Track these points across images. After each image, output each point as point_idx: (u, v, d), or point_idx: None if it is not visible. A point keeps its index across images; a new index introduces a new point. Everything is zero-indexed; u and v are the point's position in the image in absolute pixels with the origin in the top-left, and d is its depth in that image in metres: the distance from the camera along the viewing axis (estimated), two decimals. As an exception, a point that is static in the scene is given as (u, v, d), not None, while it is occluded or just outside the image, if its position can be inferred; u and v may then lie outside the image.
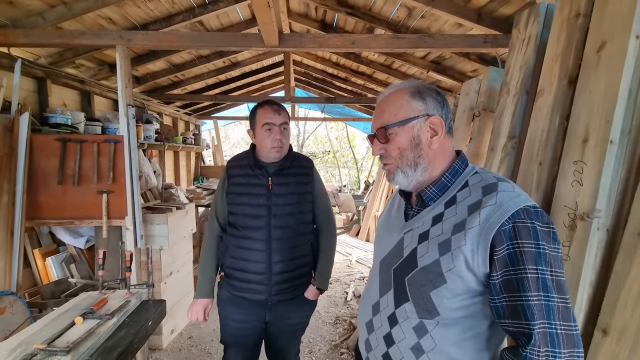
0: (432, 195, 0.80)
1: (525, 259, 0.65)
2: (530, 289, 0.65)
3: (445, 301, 0.73)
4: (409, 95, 0.79)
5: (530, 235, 0.66)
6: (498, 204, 0.69)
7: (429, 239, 0.76)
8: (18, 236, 2.03)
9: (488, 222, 0.68)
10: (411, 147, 0.78)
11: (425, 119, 0.78)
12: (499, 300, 0.69)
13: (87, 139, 2.25)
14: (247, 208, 1.42)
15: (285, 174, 1.44)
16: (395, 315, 0.78)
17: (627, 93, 0.99)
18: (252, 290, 1.42)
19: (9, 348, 1.13)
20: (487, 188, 0.73)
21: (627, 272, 0.91)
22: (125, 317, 1.40)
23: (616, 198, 1.01)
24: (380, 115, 0.81)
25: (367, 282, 0.94)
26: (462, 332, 0.74)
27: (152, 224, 2.57)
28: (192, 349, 2.65)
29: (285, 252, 1.41)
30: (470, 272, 0.70)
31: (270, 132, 1.37)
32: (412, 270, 0.76)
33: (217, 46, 2.38)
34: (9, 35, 2.15)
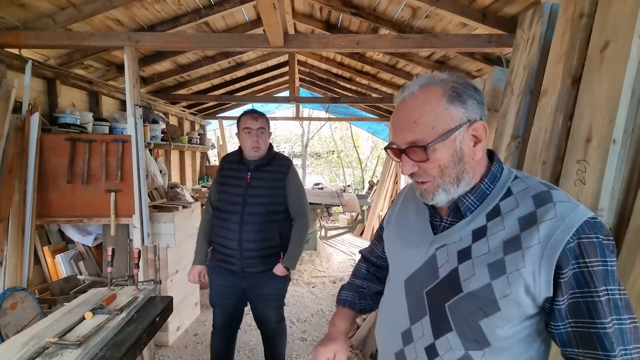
0: (470, 205, 0.69)
1: (595, 280, 0.58)
2: (605, 315, 0.58)
3: (497, 330, 0.64)
4: (447, 99, 0.64)
5: (597, 252, 0.59)
6: (559, 218, 0.60)
7: (472, 257, 0.66)
8: (29, 234, 2.07)
9: (551, 240, 0.60)
10: (453, 163, 0.66)
11: (467, 127, 0.65)
12: (564, 327, 0.61)
13: (96, 139, 2.29)
14: (227, 196, 1.78)
15: (262, 171, 1.77)
16: (435, 347, 0.68)
17: (630, 93, 0.99)
18: (228, 262, 1.76)
19: (22, 341, 1.17)
20: (538, 198, 0.64)
21: (630, 270, 0.91)
22: (133, 313, 1.43)
23: (619, 197, 1.02)
24: (411, 127, 0.66)
25: (387, 302, 0.83)
26: (513, 358, 0.66)
27: (158, 222, 2.60)
28: (198, 346, 2.68)
29: (254, 233, 1.72)
30: (529, 296, 0.62)
31: (249, 135, 1.71)
32: (455, 295, 0.66)
33: (223, 47, 2.41)
34: (20, 37, 2.19)
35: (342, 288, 0.99)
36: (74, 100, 3.09)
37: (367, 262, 1.01)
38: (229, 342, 1.97)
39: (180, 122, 5.51)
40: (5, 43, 2.21)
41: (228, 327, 1.92)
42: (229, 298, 1.84)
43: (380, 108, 6.27)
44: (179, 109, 5.29)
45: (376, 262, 0.99)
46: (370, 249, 1.01)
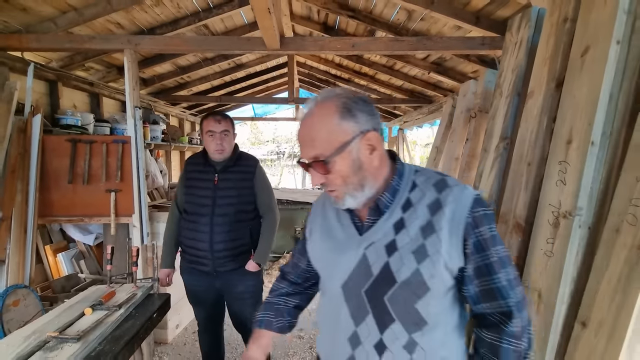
0: (386, 201, 0.76)
1: (488, 245, 0.71)
2: (497, 271, 0.71)
3: (430, 308, 0.73)
4: (339, 115, 0.71)
5: (485, 222, 0.72)
6: (457, 199, 0.72)
7: (398, 249, 0.73)
8: (31, 233, 2.12)
9: (455, 219, 0.71)
10: (354, 171, 0.73)
11: (361, 138, 0.72)
12: (474, 288, 0.73)
13: (96, 140, 2.34)
14: (195, 198, 1.77)
15: (229, 172, 1.76)
16: (383, 340, 0.74)
17: (608, 96, 1.03)
18: (199, 262, 1.75)
19: (24, 335, 1.21)
20: (438, 185, 0.75)
21: (606, 267, 0.95)
22: (132, 309, 1.48)
23: (598, 197, 1.05)
24: (311, 144, 0.73)
25: (325, 313, 0.85)
26: (444, 329, 0.75)
27: (157, 222, 2.64)
28: (196, 343, 2.71)
29: (224, 234, 1.71)
30: (447, 270, 0.72)
31: (213, 138, 1.70)
32: (392, 287, 0.72)
33: (221, 50, 2.45)
34: (23, 40, 2.24)
35: (260, 309, 0.97)
36: (76, 101, 3.14)
37: (285, 280, 1.00)
38: (215, 338, 1.99)
39: (181, 123, 5.57)
40: (8, 46, 2.26)
41: (212, 323, 1.94)
42: (204, 297, 1.84)
43: (379, 109, 6.30)
44: (179, 110, 5.34)
45: (297, 278, 0.98)
46: (293, 264, 0.99)
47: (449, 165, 2.24)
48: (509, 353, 0.71)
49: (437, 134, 2.65)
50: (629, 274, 0.89)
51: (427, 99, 4.67)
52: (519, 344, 0.72)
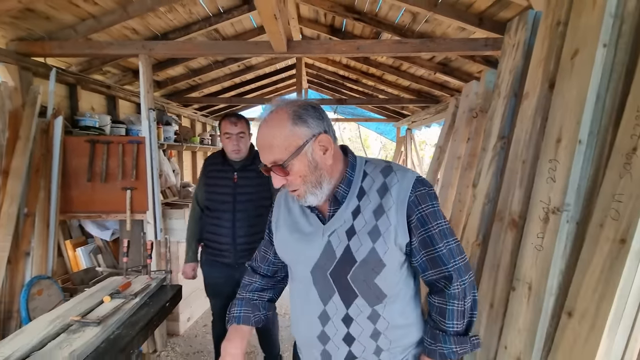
0: (343, 192, 0.84)
1: (430, 219, 0.81)
2: (439, 241, 0.81)
3: (388, 282, 0.83)
4: (291, 123, 0.78)
5: (427, 199, 0.82)
6: (400, 181, 0.82)
7: (356, 232, 0.81)
8: (53, 228, 2.26)
9: (399, 198, 0.81)
10: (311, 171, 0.80)
11: (313, 140, 0.79)
12: (421, 258, 0.83)
13: (113, 140, 2.47)
14: (217, 195, 1.89)
15: (247, 170, 1.88)
16: (349, 314, 0.83)
17: (595, 97, 1.07)
18: (222, 255, 1.87)
19: (49, 319, 1.32)
20: (384, 171, 0.85)
21: (590, 260, 1.00)
22: (146, 298, 1.58)
23: (585, 194, 1.09)
24: (270, 150, 0.79)
25: (296, 297, 0.93)
26: (402, 301, 0.86)
27: (170, 218, 2.77)
28: (207, 336, 2.83)
29: (245, 228, 1.84)
30: (397, 246, 0.82)
31: (230, 140, 1.81)
32: (352, 266, 0.81)
33: (231, 53, 2.55)
34: (46, 46, 2.39)
35: (232, 305, 1.00)
36: (93, 104, 3.29)
37: (256, 274, 1.05)
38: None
39: (193, 124, 5.72)
40: (32, 52, 2.40)
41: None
42: (223, 289, 1.95)
43: (387, 109, 6.34)
44: (191, 111, 5.49)
45: (267, 271, 1.03)
46: (261, 257, 1.04)
47: (451, 164, 2.29)
48: (453, 312, 0.83)
49: (440, 134, 2.69)
50: (611, 265, 0.94)
51: (434, 99, 4.69)
52: (461, 304, 0.83)
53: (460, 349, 0.84)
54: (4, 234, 2.00)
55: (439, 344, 0.85)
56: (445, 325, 0.84)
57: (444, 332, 0.85)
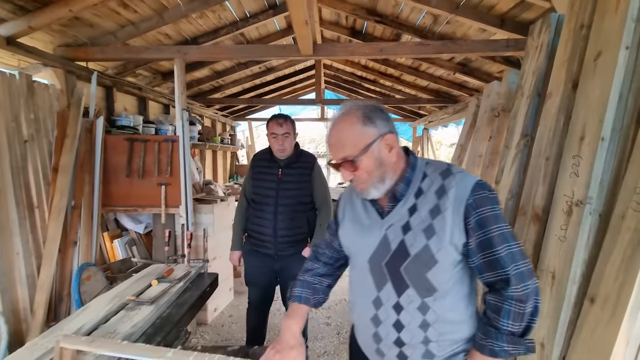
0: (402, 190, 0.90)
1: (489, 222, 0.83)
2: (498, 244, 0.82)
3: (439, 278, 0.86)
4: (361, 123, 0.86)
5: (486, 203, 0.83)
6: (459, 184, 0.85)
7: (412, 228, 0.87)
8: (96, 219, 2.44)
9: (457, 201, 0.84)
10: (376, 167, 0.87)
11: (380, 140, 0.87)
12: (477, 260, 0.85)
13: (150, 139, 2.63)
14: (262, 190, 2.00)
15: (291, 167, 1.99)
16: (400, 303, 0.88)
17: (617, 97, 1.14)
18: (263, 246, 1.99)
19: (108, 298, 1.47)
20: (444, 173, 0.88)
21: (612, 249, 1.06)
22: (188, 283, 1.72)
23: (608, 187, 1.16)
24: (341, 148, 0.87)
25: (355, 285, 1.01)
26: (454, 297, 0.88)
27: (199, 213, 2.92)
28: (233, 326, 2.97)
29: (286, 221, 1.95)
30: (452, 245, 0.84)
31: (276, 140, 1.93)
32: (406, 259, 0.86)
33: (259, 56, 2.68)
34: (89, 52, 2.57)
35: (294, 285, 1.09)
36: (127, 105, 3.49)
37: (319, 261, 1.12)
38: (262, 318, 2.21)
39: (214, 124, 5.91)
40: (77, 57, 2.59)
41: (262, 303, 2.16)
42: (262, 278, 2.07)
43: (404, 109, 6.38)
44: (212, 112, 5.68)
45: (329, 258, 1.11)
46: (326, 244, 1.12)
47: (472, 162, 2.35)
48: (509, 312, 0.83)
49: (461, 133, 2.75)
50: (632, 254, 1.00)
51: (452, 99, 4.72)
52: (520, 306, 0.82)
53: (513, 349, 0.83)
54: (55, 225, 2.18)
55: (490, 340, 0.85)
56: (499, 323, 0.84)
57: (496, 330, 0.84)
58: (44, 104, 2.34)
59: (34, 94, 2.26)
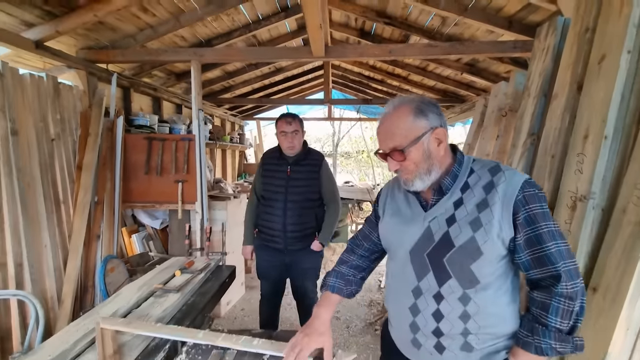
0: (448, 184, 0.92)
1: (537, 219, 0.82)
2: (547, 241, 0.82)
3: (483, 270, 0.85)
4: (413, 115, 0.88)
5: (536, 200, 0.83)
6: (508, 181, 0.85)
7: (457, 221, 0.87)
8: (117, 214, 2.55)
9: (506, 196, 0.84)
10: (424, 159, 0.89)
11: (431, 133, 0.89)
12: (525, 256, 0.84)
13: (168, 138, 2.74)
14: (272, 186, 2.07)
15: (300, 164, 2.06)
16: (441, 293, 0.88)
17: (619, 98, 1.20)
18: (273, 241, 2.07)
19: (137, 286, 1.57)
20: (492, 170, 0.89)
21: (613, 241, 1.13)
22: (209, 274, 1.81)
23: (611, 183, 1.23)
24: (391, 137, 0.90)
25: (394, 275, 1.02)
26: (496, 291, 0.87)
27: (214, 209, 3.02)
28: (245, 318, 3.07)
29: (295, 217, 2.02)
30: (499, 239, 0.84)
31: (285, 138, 2.00)
32: (450, 250, 0.86)
33: (272, 58, 2.77)
34: (110, 54, 2.68)
35: (328, 275, 1.11)
36: (142, 105, 3.60)
37: (354, 253, 1.15)
38: (274, 310, 2.31)
39: (223, 123, 6.02)
40: (99, 60, 2.70)
41: (273, 295, 2.25)
42: (273, 272, 2.15)
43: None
44: (222, 111, 5.79)
45: (366, 250, 1.13)
46: (363, 235, 1.14)
47: (480, 160, 2.41)
48: (558, 310, 0.81)
49: (469, 132, 2.81)
50: (632, 245, 1.07)
51: (459, 99, 4.77)
52: (569, 304, 0.81)
53: (560, 347, 0.81)
54: (80, 220, 2.29)
55: (537, 337, 0.83)
56: (547, 320, 0.82)
57: (544, 327, 0.83)
58: (68, 105, 2.45)
59: (59, 95, 2.37)
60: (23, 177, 2.03)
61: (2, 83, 1.96)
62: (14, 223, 1.93)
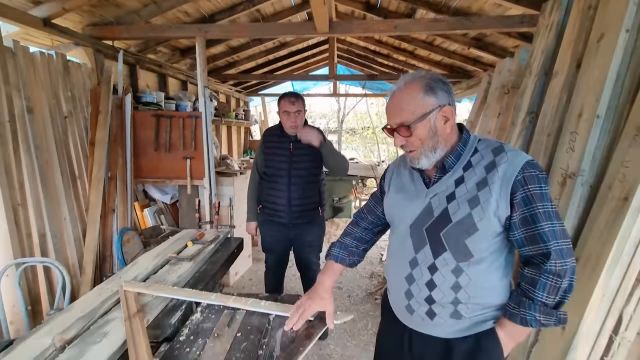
0: (451, 162, 0.93)
1: (535, 199, 0.84)
2: (542, 220, 0.84)
3: (477, 245, 0.88)
4: (423, 91, 0.89)
5: (535, 181, 0.85)
6: (510, 161, 0.86)
7: (456, 198, 0.90)
8: (130, 189, 2.67)
9: (506, 176, 0.85)
10: (430, 136, 0.91)
11: (438, 110, 0.89)
12: (519, 234, 0.87)
13: (175, 115, 2.80)
14: (275, 163, 2.12)
15: (302, 141, 2.03)
16: (435, 264, 0.93)
17: (614, 78, 1.22)
18: (278, 216, 2.14)
19: (152, 255, 1.70)
20: (496, 150, 0.90)
21: (598, 214, 1.20)
22: (218, 245, 1.93)
23: (600, 161, 1.28)
24: (399, 113, 0.91)
25: (394, 247, 1.06)
26: (489, 265, 0.91)
27: (221, 185, 3.12)
28: (252, 287, 3.26)
29: (299, 192, 2.08)
30: (496, 217, 0.86)
31: (288, 117, 2.03)
32: (447, 225, 0.90)
33: (276, 34, 2.75)
34: (116, 31, 2.70)
35: (333, 245, 1.18)
36: (148, 81, 3.64)
37: (358, 226, 1.20)
38: (279, 280, 2.44)
39: (228, 99, 6.02)
40: (104, 36, 2.72)
41: (278, 267, 2.37)
42: (277, 245, 2.24)
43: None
44: (227, 87, 5.78)
45: (370, 223, 1.19)
46: (368, 209, 1.19)
47: (481, 138, 2.45)
48: (545, 285, 0.85)
49: (472, 109, 2.82)
50: (614, 219, 1.14)
51: (466, 74, 4.70)
52: (557, 280, 0.84)
53: (545, 319, 0.86)
54: (96, 194, 2.41)
55: (523, 309, 0.88)
56: (534, 294, 0.87)
57: (530, 300, 0.87)
58: (78, 82, 2.51)
59: (69, 73, 2.43)
60: (41, 154, 2.13)
61: (15, 62, 2.02)
62: (35, 198, 2.05)
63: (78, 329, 1.08)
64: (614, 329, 1.16)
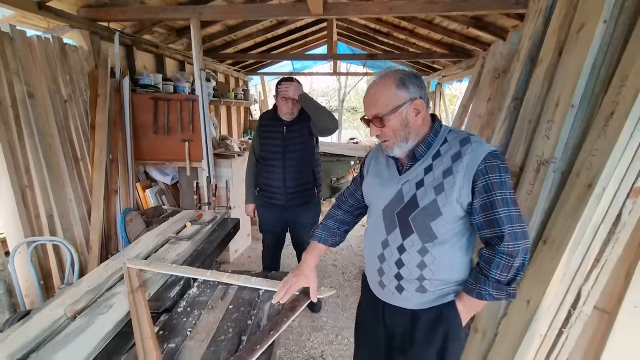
0: (422, 152, 1.02)
1: (494, 187, 0.93)
2: (499, 207, 0.93)
3: (440, 228, 0.98)
4: (395, 86, 0.96)
5: (496, 170, 0.93)
6: (474, 151, 0.94)
7: (424, 185, 0.98)
8: (131, 171, 2.76)
9: (469, 165, 0.93)
10: (402, 127, 0.99)
11: (410, 103, 0.97)
12: (479, 219, 0.97)
13: (173, 98, 2.85)
14: (270, 147, 2.19)
15: (294, 124, 2.16)
16: (403, 245, 1.03)
17: (590, 68, 1.26)
18: (274, 198, 2.22)
19: (154, 234, 1.81)
20: (462, 141, 0.98)
21: (566, 201, 1.28)
22: (215, 226, 2.05)
23: (572, 150, 1.34)
24: (374, 105, 0.99)
25: (370, 228, 1.15)
26: (452, 246, 1.01)
27: (219, 167, 3.21)
28: (252, 264, 3.42)
29: (294, 174, 2.16)
30: (458, 203, 0.95)
31: (286, 102, 2.08)
32: (415, 210, 0.99)
33: (271, 16, 2.75)
34: (111, 12, 2.70)
35: (316, 227, 1.28)
36: (146, 63, 3.65)
37: (340, 209, 1.30)
38: (276, 259, 2.56)
39: (227, 79, 5.99)
40: (100, 18, 2.73)
41: (275, 247, 2.49)
42: (274, 226, 2.35)
43: (418, 62, 6.25)
44: (225, 67, 5.74)
45: (350, 206, 1.28)
46: (349, 193, 1.28)
47: (471, 122, 2.48)
48: (499, 264, 0.95)
49: (465, 93, 2.84)
50: (579, 204, 1.22)
51: (466, 53, 4.64)
52: (509, 260, 0.94)
53: (497, 293, 0.96)
54: (99, 175, 2.51)
55: (478, 285, 0.98)
56: (489, 272, 0.96)
57: (485, 277, 0.97)
58: (75, 65, 2.55)
59: (66, 56, 2.46)
60: (44, 138, 2.21)
61: (13, 47, 2.06)
62: (41, 180, 2.15)
63: (87, 301, 1.20)
64: (573, 304, 1.26)
